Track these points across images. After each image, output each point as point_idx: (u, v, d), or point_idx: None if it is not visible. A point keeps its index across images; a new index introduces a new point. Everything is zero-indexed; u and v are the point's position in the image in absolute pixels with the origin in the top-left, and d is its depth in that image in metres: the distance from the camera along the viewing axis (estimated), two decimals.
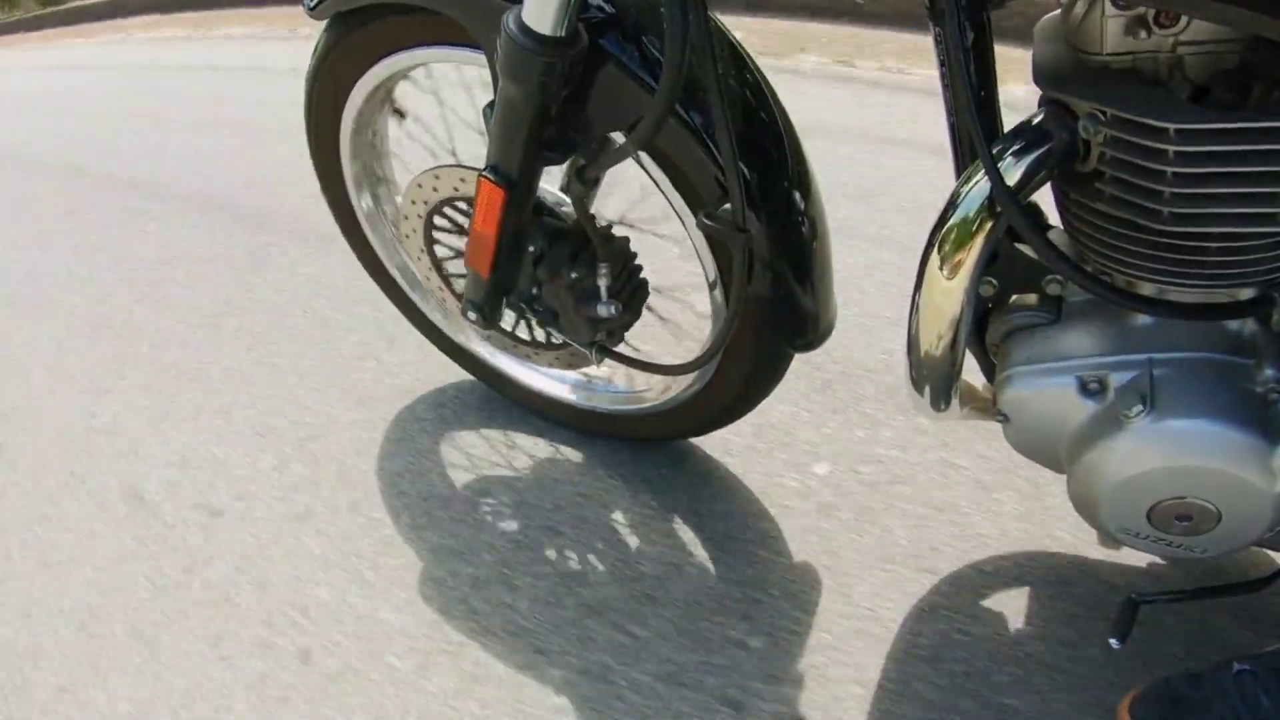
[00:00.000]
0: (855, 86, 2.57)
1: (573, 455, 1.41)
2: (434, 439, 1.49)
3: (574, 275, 1.08)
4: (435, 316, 1.46)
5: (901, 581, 1.14)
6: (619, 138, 0.98)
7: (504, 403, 1.52)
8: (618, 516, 1.30)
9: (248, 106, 3.47)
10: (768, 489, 1.30)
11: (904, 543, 1.19)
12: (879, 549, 1.19)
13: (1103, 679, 1.01)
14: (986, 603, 1.10)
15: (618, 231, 1.13)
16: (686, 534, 1.26)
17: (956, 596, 1.12)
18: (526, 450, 1.44)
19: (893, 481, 1.28)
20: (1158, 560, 1.11)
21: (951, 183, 0.83)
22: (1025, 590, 1.11)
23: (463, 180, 1.16)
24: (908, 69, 2.61)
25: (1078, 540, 1.15)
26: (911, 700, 1.02)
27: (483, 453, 1.45)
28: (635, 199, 1.21)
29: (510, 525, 1.31)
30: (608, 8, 0.95)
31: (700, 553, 1.23)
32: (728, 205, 0.93)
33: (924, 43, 2.29)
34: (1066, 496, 0.91)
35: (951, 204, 0.81)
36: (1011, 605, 1.10)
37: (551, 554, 1.26)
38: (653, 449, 1.40)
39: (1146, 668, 1.00)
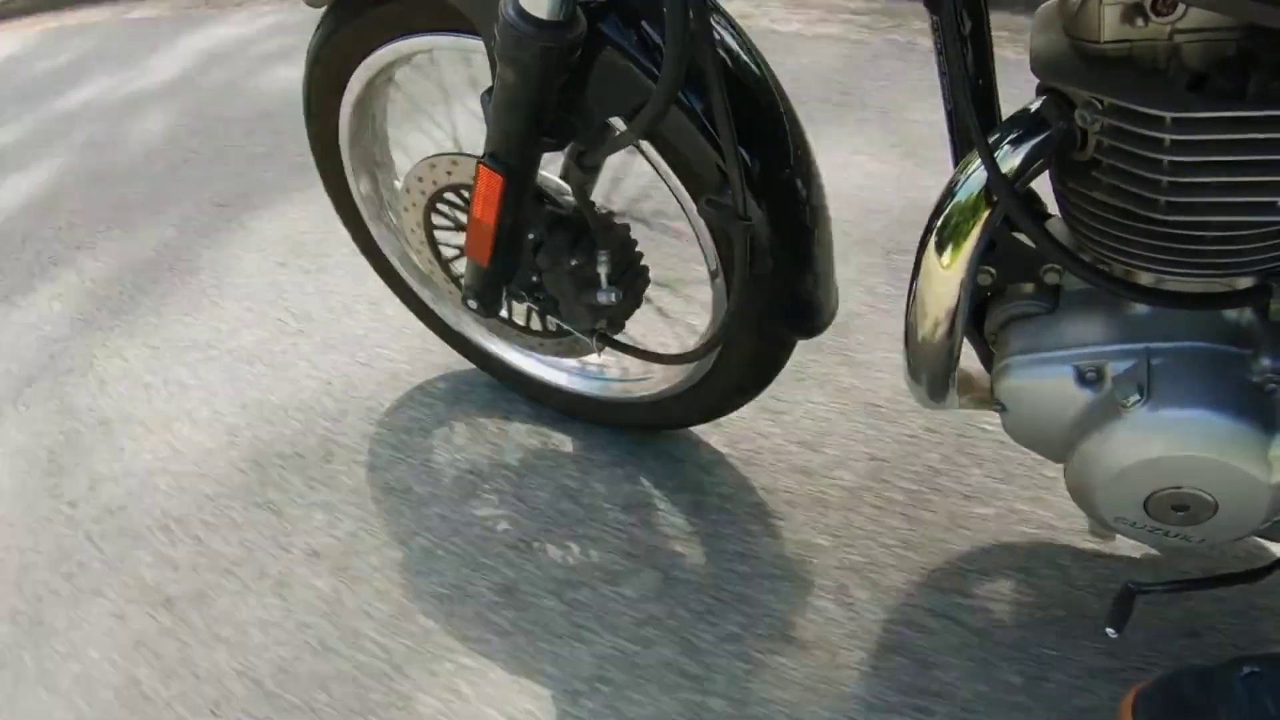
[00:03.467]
0: None
1: (570, 443, 1.41)
2: (429, 427, 1.49)
3: (574, 262, 1.08)
4: (434, 303, 1.46)
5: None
6: (619, 124, 0.97)
7: (501, 388, 1.52)
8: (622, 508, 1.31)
9: None
10: None
11: None
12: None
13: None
14: (982, 590, 1.11)
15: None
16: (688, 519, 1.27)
17: (952, 581, 1.12)
18: (522, 437, 1.44)
19: None
20: (1153, 550, 1.11)
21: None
22: (1020, 577, 1.11)
23: (461, 167, 1.16)
24: None
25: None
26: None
27: (474, 440, 1.45)
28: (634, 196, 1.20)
29: (509, 515, 1.32)
30: None
31: (702, 537, 1.24)
32: (730, 191, 0.92)
33: None
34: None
35: (949, 192, 0.80)
36: (1007, 592, 1.10)
37: (551, 548, 1.27)
38: (654, 437, 1.40)
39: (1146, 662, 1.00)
